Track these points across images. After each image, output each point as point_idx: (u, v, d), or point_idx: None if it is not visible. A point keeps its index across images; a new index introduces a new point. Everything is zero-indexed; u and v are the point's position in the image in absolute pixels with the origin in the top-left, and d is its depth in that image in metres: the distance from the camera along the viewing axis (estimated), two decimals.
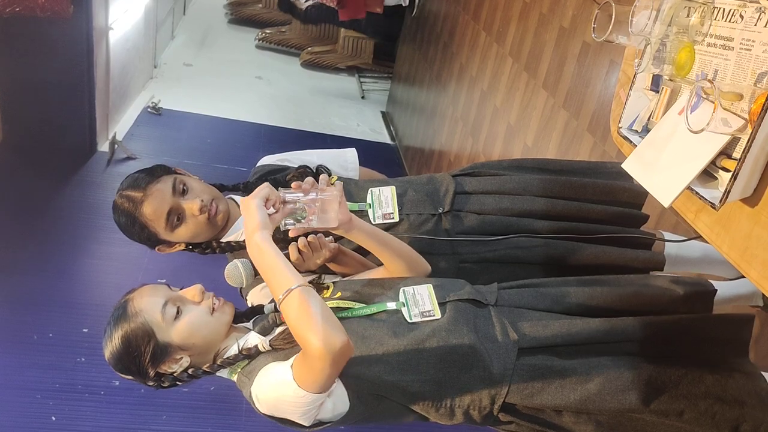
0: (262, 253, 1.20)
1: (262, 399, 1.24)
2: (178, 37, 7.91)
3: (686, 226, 1.95)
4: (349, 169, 1.85)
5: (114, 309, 1.35)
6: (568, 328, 1.32)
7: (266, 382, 1.23)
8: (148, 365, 1.30)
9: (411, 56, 6.22)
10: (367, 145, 6.19)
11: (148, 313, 1.31)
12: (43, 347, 3.31)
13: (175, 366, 1.33)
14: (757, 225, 0.94)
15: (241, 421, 3.07)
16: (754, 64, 0.95)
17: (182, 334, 1.31)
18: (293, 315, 1.14)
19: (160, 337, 1.30)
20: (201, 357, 1.35)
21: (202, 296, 1.36)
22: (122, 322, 1.31)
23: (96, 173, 4.95)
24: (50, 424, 2.96)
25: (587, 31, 2.74)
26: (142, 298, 1.33)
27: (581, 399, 1.26)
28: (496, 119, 3.70)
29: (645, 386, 1.27)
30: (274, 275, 1.19)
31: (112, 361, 1.33)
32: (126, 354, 1.30)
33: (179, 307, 1.32)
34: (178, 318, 1.31)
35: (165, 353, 1.31)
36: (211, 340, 1.34)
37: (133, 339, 1.29)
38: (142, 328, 1.30)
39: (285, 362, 1.21)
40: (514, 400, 1.28)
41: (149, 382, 1.34)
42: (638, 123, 1.22)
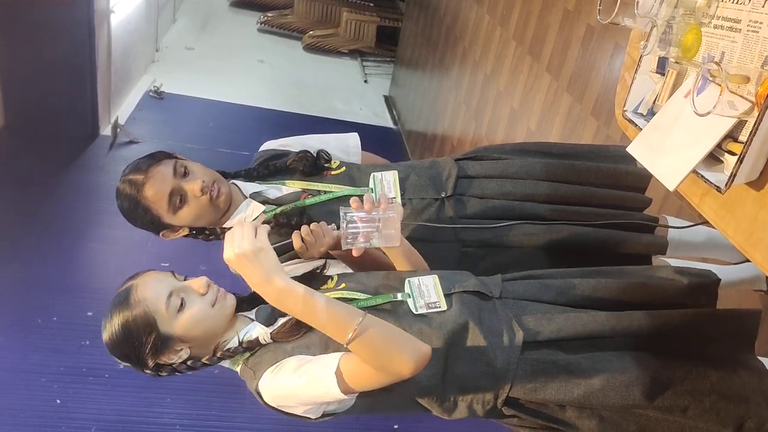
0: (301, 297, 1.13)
1: (278, 394, 1.21)
2: (180, 20, 7.87)
3: (690, 210, 1.94)
4: (351, 154, 1.84)
5: (117, 293, 1.33)
6: (574, 321, 1.31)
7: (294, 379, 1.19)
8: (147, 355, 1.28)
9: (414, 40, 6.18)
10: (369, 129, 6.17)
11: (151, 303, 1.27)
12: (47, 331, 3.33)
13: (175, 357, 1.31)
14: (763, 209, 0.93)
15: (245, 404, 3.09)
16: (761, 46, 0.94)
17: (184, 326, 1.28)
18: (370, 347, 1.12)
19: (162, 329, 1.27)
20: (201, 349, 1.33)
21: (207, 289, 1.32)
22: (124, 309, 1.28)
23: (98, 157, 4.95)
24: (55, 407, 2.98)
25: (592, 14, 2.71)
26: (147, 286, 1.30)
27: (585, 394, 1.26)
28: (500, 103, 3.68)
29: (649, 382, 1.26)
30: (332, 316, 1.13)
31: (111, 347, 1.31)
32: (125, 342, 1.28)
33: (183, 299, 1.29)
34: (182, 310, 1.28)
35: (166, 345, 1.28)
36: (212, 332, 1.32)
37: (134, 328, 1.27)
38: (145, 317, 1.27)
39: (322, 362, 1.18)
40: (517, 395, 1.28)
41: (147, 370, 1.32)
42: (643, 106, 1.21)
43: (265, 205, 1.63)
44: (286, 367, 1.21)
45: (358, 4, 7.94)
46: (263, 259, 1.12)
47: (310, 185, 1.68)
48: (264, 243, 1.13)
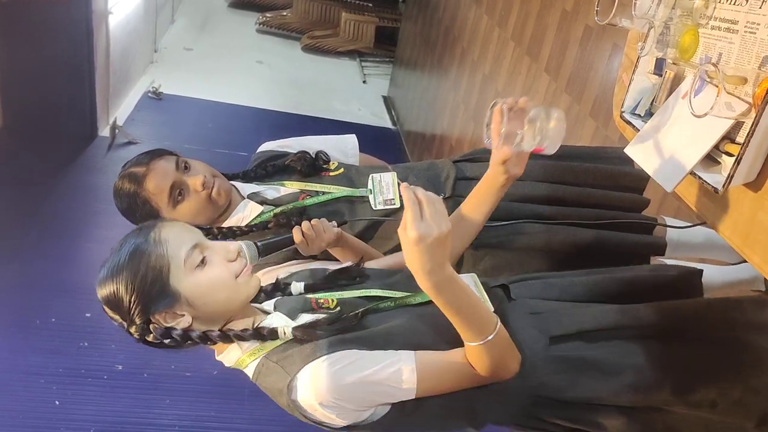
0: (461, 292, 1.04)
1: (332, 386, 1.06)
2: (179, 20, 7.86)
3: (689, 211, 1.94)
4: (349, 156, 1.85)
5: (135, 228, 1.16)
6: (594, 314, 1.27)
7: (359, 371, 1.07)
8: (143, 305, 1.10)
9: (412, 40, 6.18)
10: (368, 129, 6.17)
11: (172, 247, 1.10)
12: (45, 332, 3.32)
13: (171, 321, 1.13)
14: (760, 210, 0.93)
15: (244, 405, 3.09)
16: (758, 48, 0.94)
17: (198, 288, 1.11)
18: (499, 348, 1.08)
19: (171, 281, 1.10)
20: (204, 324, 1.15)
21: (236, 257, 1.16)
22: (139, 244, 1.11)
23: (97, 158, 4.95)
24: (54, 408, 2.98)
25: (590, 15, 2.72)
26: (172, 229, 1.13)
27: (615, 391, 1.20)
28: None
29: (680, 377, 1.21)
30: (478, 312, 1.06)
31: (105, 282, 1.14)
32: (125, 281, 1.11)
33: (206, 258, 1.13)
34: (200, 268, 1.12)
35: (168, 301, 1.11)
36: (224, 307, 1.15)
37: (143, 267, 1.09)
38: (159, 260, 1.10)
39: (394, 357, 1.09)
40: (547, 393, 1.21)
41: (133, 327, 1.13)
42: (641, 107, 1.21)
43: (263, 205, 1.63)
44: (346, 360, 1.07)
45: (357, 5, 7.94)
46: (446, 246, 0.99)
47: (308, 186, 1.68)
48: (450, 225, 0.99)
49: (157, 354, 3.48)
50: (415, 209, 0.96)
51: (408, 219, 0.96)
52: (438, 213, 0.97)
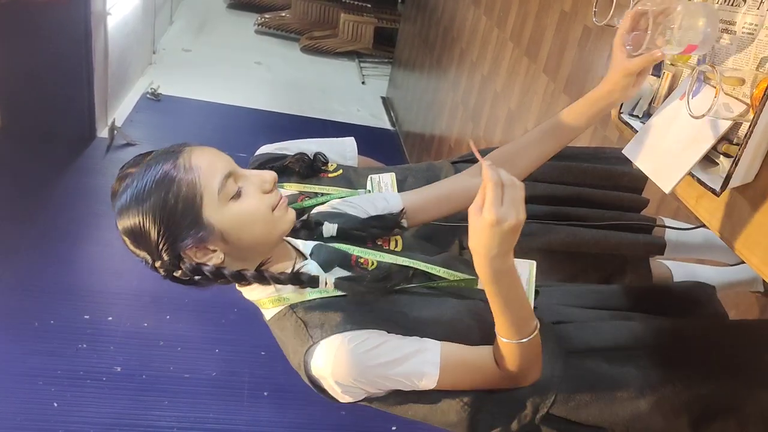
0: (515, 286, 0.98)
1: (352, 362, 1.00)
2: (177, 22, 7.86)
3: (687, 212, 1.94)
4: (347, 158, 1.85)
5: (159, 151, 1.04)
6: (616, 329, 1.22)
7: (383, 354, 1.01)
8: (176, 235, 0.98)
9: (411, 41, 6.18)
10: (367, 130, 6.17)
11: (205, 175, 0.99)
12: (44, 334, 3.31)
13: (203, 256, 1.02)
14: (758, 211, 0.93)
15: (243, 406, 3.09)
16: (756, 49, 0.93)
17: (232, 221, 1.00)
18: (530, 352, 1.03)
19: (205, 212, 0.99)
20: (237, 262, 1.05)
21: (273, 187, 1.05)
22: (168, 168, 0.98)
23: (95, 159, 4.95)
24: (52, 411, 2.97)
25: (588, 16, 2.72)
26: (204, 155, 1.02)
27: (630, 417, 1.14)
28: (497, 104, 3.68)
29: (699, 410, 1.16)
30: (521, 310, 1.01)
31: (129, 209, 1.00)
32: (155, 206, 0.98)
33: (241, 189, 1.02)
34: (235, 200, 1.01)
35: (201, 235, 0.99)
36: (259, 243, 1.05)
37: (173, 193, 0.97)
38: (191, 188, 0.98)
39: (420, 345, 1.03)
40: (558, 412, 1.15)
41: (158, 262, 1.01)
42: (639, 108, 1.20)
43: None
44: (371, 340, 1.01)
45: (356, 6, 7.94)
46: (516, 236, 0.94)
47: (306, 188, 1.68)
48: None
49: (156, 355, 3.48)
50: (497, 191, 0.92)
51: (487, 199, 0.91)
52: (518, 200, 0.93)
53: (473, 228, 0.94)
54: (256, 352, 3.33)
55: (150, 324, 3.45)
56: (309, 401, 3.18)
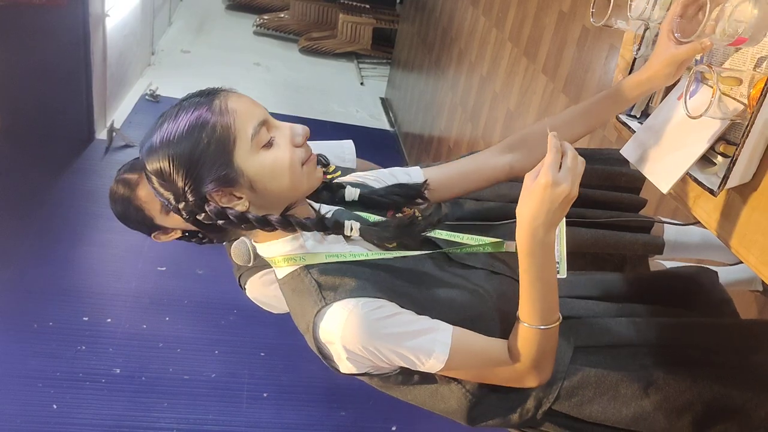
0: (550, 265, 0.99)
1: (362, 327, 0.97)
2: (176, 23, 7.86)
3: (685, 213, 1.94)
4: (346, 161, 1.85)
5: (195, 93, 1.02)
6: (624, 326, 1.21)
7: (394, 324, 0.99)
8: (204, 177, 0.96)
9: (410, 41, 6.18)
10: (366, 131, 6.17)
11: (240, 119, 0.97)
12: (43, 336, 3.31)
13: (227, 203, 1.00)
14: (756, 210, 0.93)
15: (242, 408, 3.09)
16: (753, 49, 0.94)
17: (261, 170, 0.98)
18: (547, 344, 1.02)
19: (236, 156, 0.96)
20: (261, 211, 1.03)
21: (303, 142, 1.03)
22: (203, 110, 0.96)
23: (94, 161, 4.94)
24: (52, 413, 2.97)
25: (587, 16, 2.72)
26: (241, 100, 1.00)
27: (634, 416, 1.13)
28: (496, 105, 3.68)
29: (702, 410, 1.15)
30: (550, 294, 1.00)
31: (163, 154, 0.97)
32: (185, 150, 0.96)
33: (273, 139, 1.00)
34: (267, 149, 0.99)
35: (230, 180, 0.97)
36: (285, 195, 1.02)
37: (207, 136, 0.95)
38: (226, 131, 0.96)
39: (433, 324, 1.01)
40: (561, 408, 1.14)
41: (182, 203, 0.99)
42: (637, 108, 1.21)
43: None
44: (385, 309, 0.99)
45: (355, 7, 7.94)
46: (565, 211, 0.95)
47: None
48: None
49: (156, 357, 3.47)
50: (556, 156, 0.93)
51: (546, 163, 0.92)
52: (576, 172, 0.94)
53: (525, 192, 0.95)
54: (256, 354, 3.33)
55: (149, 326, 3.45)
56: (308, 402, 3.21)
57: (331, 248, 1.06)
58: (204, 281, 3.77)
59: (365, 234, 1.04)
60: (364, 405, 3.14)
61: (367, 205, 1.15)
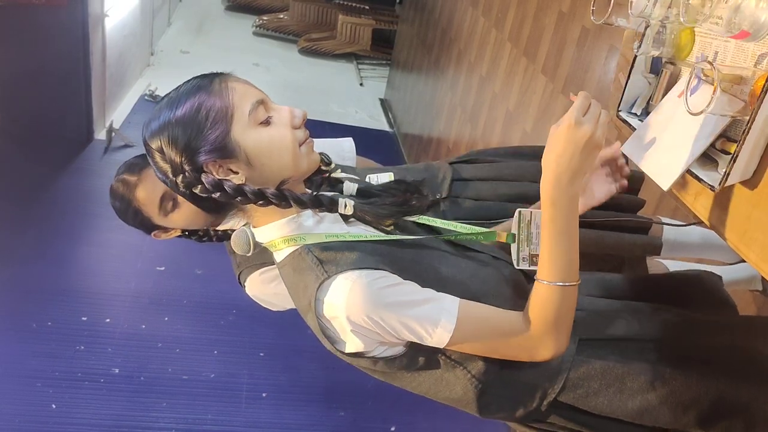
0: (573, 220, 0.99)
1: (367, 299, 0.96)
2: (175, 24, 7.86)
3: (685, 212, 1.94)
4: (346, 159, 1.84)
5: (195, 77, 1.07)
6: (628, 320, 1.21)
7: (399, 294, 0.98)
8: (201, 151, 0.99)
9: (409, 42, 6.18)
10: (365, 132, 6.17)
11: (238, 96, 1.02)
12: (42, 336, 3.31)
13: (224, 174, 1.03)
14: (757, 208, 0.93)
15: (241, 408, 3.08)
16: (754, 46, 0.93)
17: (258, 145, 1.01)
18: (565, 306, 0.99)
19: (234, 130, 1.00)
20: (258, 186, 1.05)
21: (301, 124, 1.07)
22: (203, 91, 1.01)
23: (93, 161, 4.94)
24: (50, 412, 2.96)
25: (586, 16, 2.72)
26: (239, 81, 1.06)
27: (639, 409, 1.12)
28: (495, 105, 3.68)
29: (708, 406, 1.14)
30: (571, 251, 0.99)
31: (159, 129, 1.01)
32: (184, 126, 0.99)
33: (270, 118, 1.04)
34: (264, 126, 1.03)
35: (227, 152, 1.00)
36: (281, 174, 1.04)
37: (205, 114, 0.99)
38: (224, 109, 1.00)
39: (437, 295, 1.00)
40: (566, 399, 1.13)
41: (180, 175, 1.02)
42: (637, 106, 1.20)
43: None
44: (390, 279, 0.99)
45: (354, 7, 7.95)
46: (591, 158, 0.97)
47: None
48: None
49: (155, 357, 3.47)
50: (584, 102, 0.97)
51: (572, 107, 0.96)
52: (602, 121, 0.97)
53: (550, 138, 0.97)
54: (255, 354, 3.32)
55: (148, 326, 3.45)
56: (308, 402, 3.20)
57: (330, 228, 1.07)
58: (203, 281, 3.76)
59: (360, 210, 1.05)
60: (363, 405, 3.13)
61: (365, 197, 1.17)
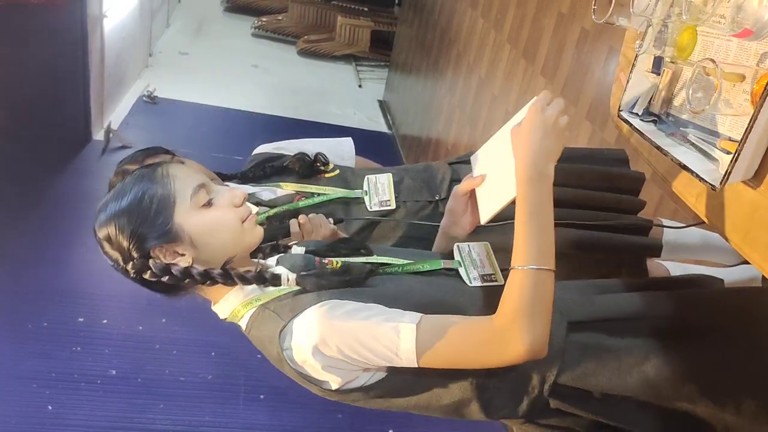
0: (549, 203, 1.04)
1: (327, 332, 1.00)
2: (174, 25, 7.86)
3: (685, 214, 1.94)
4: (345, 159, 1.84)
5: (143, 166, 1.15)
6: (617, 302, 1.22)
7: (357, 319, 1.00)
8: (146, 240, 1.07)
9: (408, 44, 6.18)
10: (363, 133, 6.16)
11: (179, 184, 1.09)
12: (38, 337, 3.29)
13: (171, 258, 1.09)
14: (759, 207, 0.92)
15: (238, 409, 3.07)
16: (756, 45, 0.93)
17: (201, 227, 1.09)
18: (540, 294, 0.99)
19: (176, 215, 1.07)
20: (204, 267, 1.11)
21: (242, 203, 1.13)
22: (146, 180, 1.09)
23: (91, 162, 4.93)
24: (46, 414, 2.95)
25: (586, 17, 2.72)
26: (180, 168, 1.13)
27: (639, 383, 1.13)
28: (494, 107, 3.68)
29: (707, 377, 1.15)
30: (545, 234, 1.02)
31: (107, 220, 1.09)
32: (129, 215, 1.07)
33: (212, 200, 1.11)
34: (206, 208, 1.10)
35: (171, 238, 1.07)
36: (226, 251, 1.12)
37: (148, 203, 1.06)
38: (165, 197, 1.07)
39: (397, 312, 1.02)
40: (565, 381, 1.14)
41: (131, 264, 1.09)
42: (639, 106, 1.20)
43: (259, 206, 1.62)
44: (346, 307, 1.02)
45: (353, 9, 7.95)
46: (559, 142, 1.06)
47: (304, 188, 1.67)
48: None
49: (152, 358, 3.45)
50: (547, 96, 1.07)
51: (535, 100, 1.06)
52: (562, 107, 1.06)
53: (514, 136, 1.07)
54: (252, 355, 3.26)
55: (145, 327, 3.43)
56: (305, 404, 3.18)
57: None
58: None
59: (301, 282, 1.08)
60: (360, 408, 3.12)
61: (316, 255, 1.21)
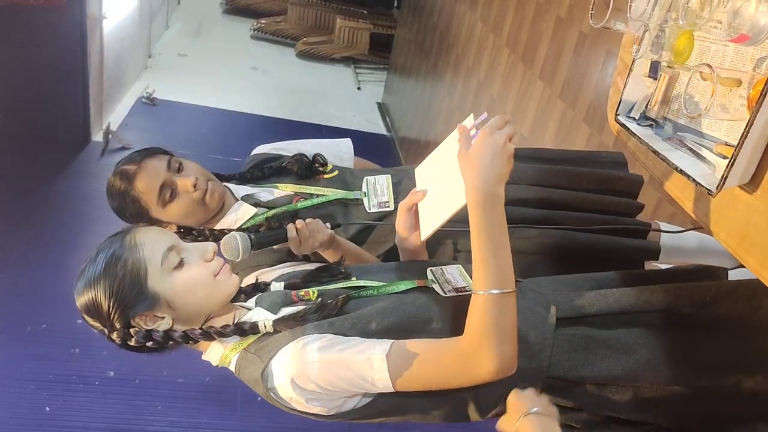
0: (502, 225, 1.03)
1: (303, 370, 1.04)
2: (173, 26, 7.86)
3: (683, 217, 1.94)
4: (344, 159, 1.84)
5: (109, 236, 1.15)
6: (606, 296, 1.23)
7: (329, 353, 1.04)
8: (123, 310, 1.09)
9: (407, 46, 6.19)
10: (362, 136, 6.17)
11: (148, 250, 1.10)
12: (36, 338, 3.30)
13: (152, 323, 1.12)
14: (756, 212, 0.93)
15: (236, 411, 3.07)
16: (753, 49, 0.93)
17: (176, 288, 1.11)
18: (503, 316, 1.01)
19: (150, 284, 1.10)
20: (185, 325, 1.15)
21: (213, 256, 1.16)
22: (115, 250, 1.10)
23: (90, 163, 4.93)
24: (44, 415, 2.95)
25: (584, 21, 2.72)
26: (148, 233, 1.14)
27: (631, 369, 1.15)
28: (493, 110, 3.68)
29: (700, 358, 1.16)
30: (503, 256, 1.03)
31: (82, 293, 1.12)
32: (103, 288, 1.10)
33: (183, 259, 1.13)
34: (178, 269, 1.12)
35: (148, 304, 1.10)
36: (204, 306, 1.15)
37: (120, 273, 1.09)
38: (135, 265, 1.09)
39: (367, 343, 1.06)
40: (557, 373, 1.16)
41: (115, 333, 1.12)
42: (636, 110, 1.20)
43: (257, 207, 1.62)
44: (319, 342, 1.06)
45: (352, 11, 7.96)
46: (508, 164, 1.04)
47: (302, 189, 1.67)
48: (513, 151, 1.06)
49: (149, 360, 3.45)
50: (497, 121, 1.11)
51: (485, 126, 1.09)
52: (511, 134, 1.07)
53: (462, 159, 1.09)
54: None
55: None
56: None
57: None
58: None
59: (278, 326, 1.11)
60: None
61: (295, 288, 1.25)
